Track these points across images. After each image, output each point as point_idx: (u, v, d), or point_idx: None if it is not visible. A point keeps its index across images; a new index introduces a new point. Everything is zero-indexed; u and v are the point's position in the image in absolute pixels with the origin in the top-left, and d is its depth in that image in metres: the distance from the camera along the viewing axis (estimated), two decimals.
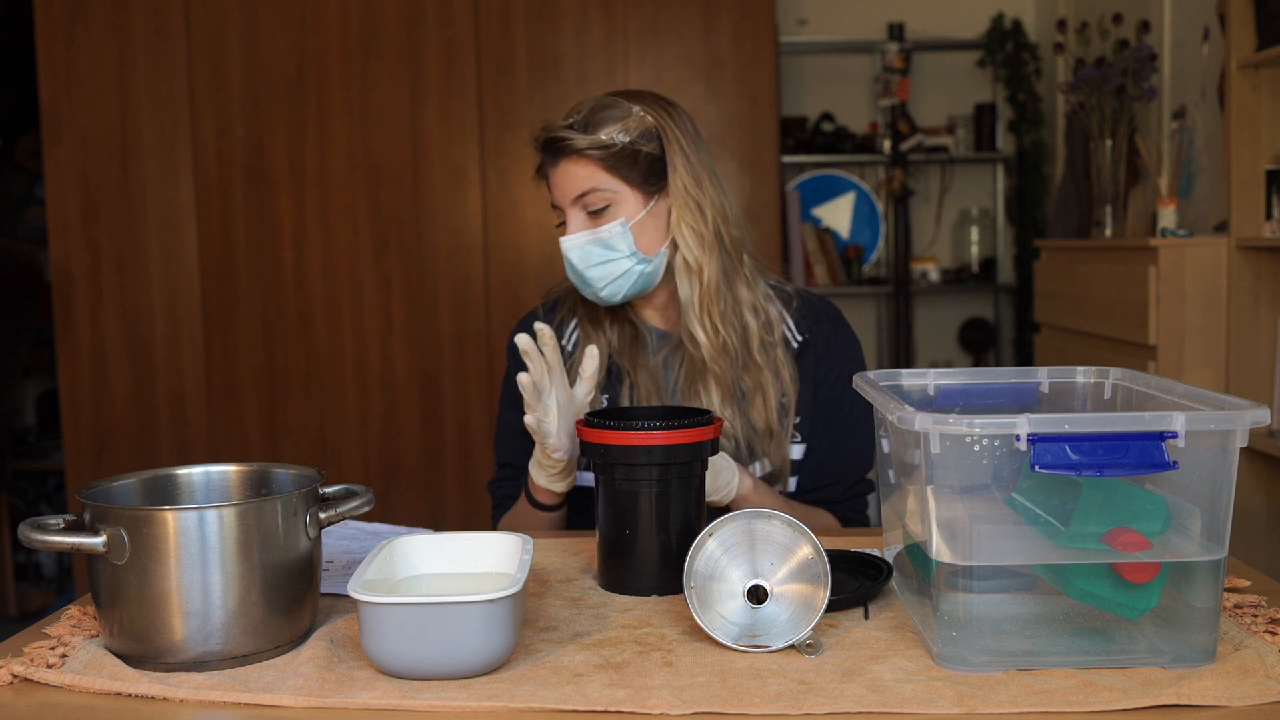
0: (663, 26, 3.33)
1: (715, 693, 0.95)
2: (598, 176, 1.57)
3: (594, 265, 1.57)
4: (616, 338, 1.66)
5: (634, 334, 1.66)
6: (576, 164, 1.57)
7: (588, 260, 1.57)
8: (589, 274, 1.58)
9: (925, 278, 4.44)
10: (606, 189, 1.57)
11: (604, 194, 1.57)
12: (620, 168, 1.57)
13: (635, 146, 1.57)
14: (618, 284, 1.58)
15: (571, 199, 1.58)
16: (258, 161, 3.32)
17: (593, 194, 1.57)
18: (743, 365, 1.61)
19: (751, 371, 1.61)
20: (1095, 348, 3.05)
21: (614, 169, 1.57)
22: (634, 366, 1.64)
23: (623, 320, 1.67)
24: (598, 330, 1.67)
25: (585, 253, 1.57)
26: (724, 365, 1.60)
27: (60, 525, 1.03)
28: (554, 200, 1.61)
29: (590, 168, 1.57)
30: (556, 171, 1.59)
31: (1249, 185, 2.65)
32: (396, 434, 3.37)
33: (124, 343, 3.35)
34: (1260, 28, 2.60)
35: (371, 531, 1.47)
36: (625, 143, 1.57)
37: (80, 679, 0.99)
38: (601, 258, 1.57)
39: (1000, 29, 4.32)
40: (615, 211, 1.58)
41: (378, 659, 0.99)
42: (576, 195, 1.57)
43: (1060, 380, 1.27)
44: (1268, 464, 2.63)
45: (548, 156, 1.60)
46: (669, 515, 1.24)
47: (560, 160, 1.58)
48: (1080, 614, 1.00)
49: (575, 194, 1.57)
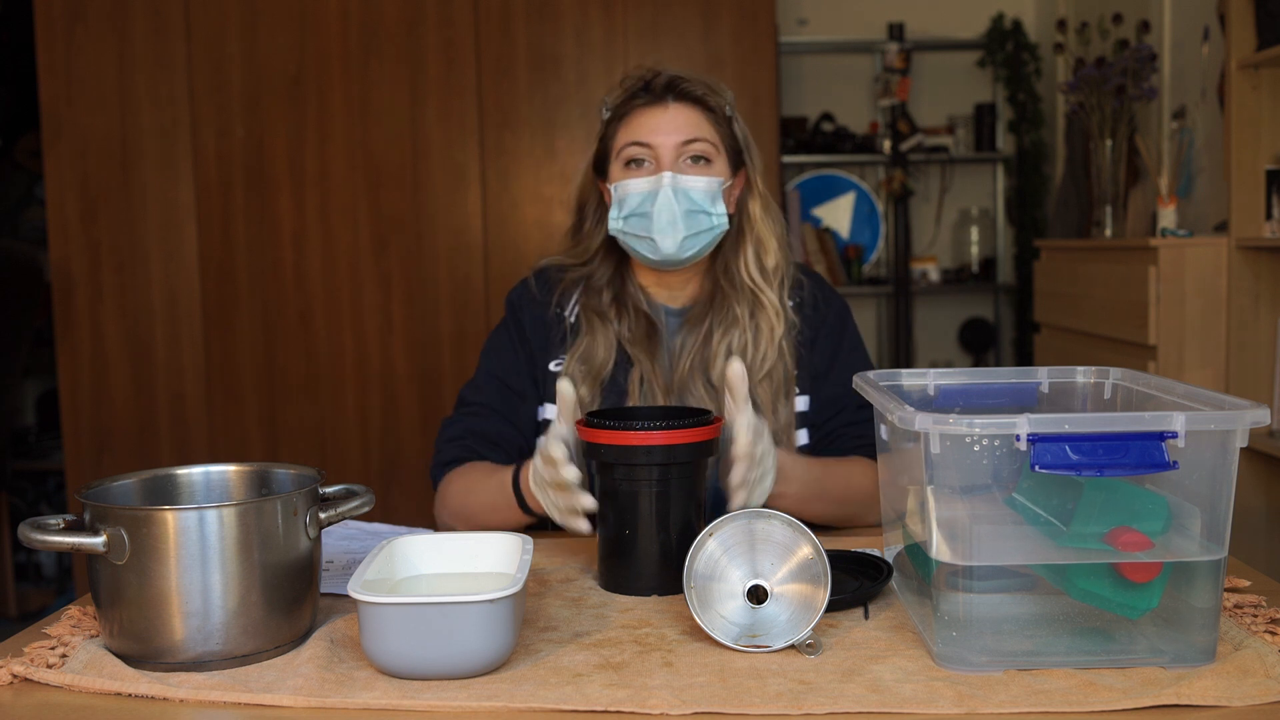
0: (663, 26, 3.33)
1: (715, 693, 0.95)
2: (707, 129, 1.58)
3: (692, 211, 1.55)
4: (628, 328, 1.63)
5: (647, 324, 1.63)
6: (693, 110, 1.57)
7: (688, 203, 1.54)
8: (684, 219, 1.54)
9: (925, 278, 4.44)
10: (712, 143, 1.58)
11: (710, 147, 1.57)
12: (724, 133, 1.60)
13: (733, 123, 1.62)
14: (697, 239, 1.56)
15: (680, 141, 1.55)
16: (258, 161, 3.32)
17: (702, 143, 1.57)
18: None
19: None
20: (1095, 348, 3.05)
21: (720, 130, 1.59)
22: (649, 356, 1.60)
23: (634, 310, 1.63)
24: (605, 322, 1.63)
25: (688, 196, 1.55)
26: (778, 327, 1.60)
27: (60, 525, 1.03)
28: (643, 138, 1.56)
29: (703, 120, 1.58)
30: (664, 111, 1.57)
31: (1249, 185, 2.65)
32: (396, 434, 3.37)
33: (124, 343, 3.35)
34: (1260, 28, 2.60)
35: (371, 531, 1.47)
36: (730, 115, 1.61)
37: (80, 679, 0.99)
38: (697, 206, 1.55)
39: (1000, 29, 4.32)
40: (713, 169, 1.58)
41: (378, 659, 0.99)
42: (687, 139, 1.56)
43: (1060, 380, 1.27)
44: (1268, 464, 2.62)
45: (652, 95, 1.58)
46: (669, 515, 1.24)
47: (674, 102, 1.57)
48: (1080, 614, 1.00)
49: (686, 137, 1.56)
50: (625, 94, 1.61)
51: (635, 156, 1.57)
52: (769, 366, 1.59)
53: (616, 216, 1.57)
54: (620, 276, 1.66)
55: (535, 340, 1.66)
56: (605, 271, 1.66)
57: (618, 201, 1.57)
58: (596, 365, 1.60)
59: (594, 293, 1.65)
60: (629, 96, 1.60)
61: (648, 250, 1.56)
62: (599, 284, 1.66)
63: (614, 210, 1.58)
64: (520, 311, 1.69)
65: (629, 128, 1.58)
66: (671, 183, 1.53)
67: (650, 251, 1.56)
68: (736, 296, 1.61)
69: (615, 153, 1.60)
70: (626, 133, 1.58)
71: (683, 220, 1.53)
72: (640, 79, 1.60)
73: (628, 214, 1.56)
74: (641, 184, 1.55)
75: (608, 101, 1.64)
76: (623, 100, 1.61)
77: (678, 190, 1.54)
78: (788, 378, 1.61)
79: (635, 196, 1.56)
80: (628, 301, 1.64)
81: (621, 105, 1.61)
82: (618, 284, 1.66)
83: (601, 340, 1.61)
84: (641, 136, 1.56)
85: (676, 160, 1.55)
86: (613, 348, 1.61)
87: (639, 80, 1.60)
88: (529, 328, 1.67)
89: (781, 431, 1.59)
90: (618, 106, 1.61)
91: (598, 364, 1.60)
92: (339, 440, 3.37)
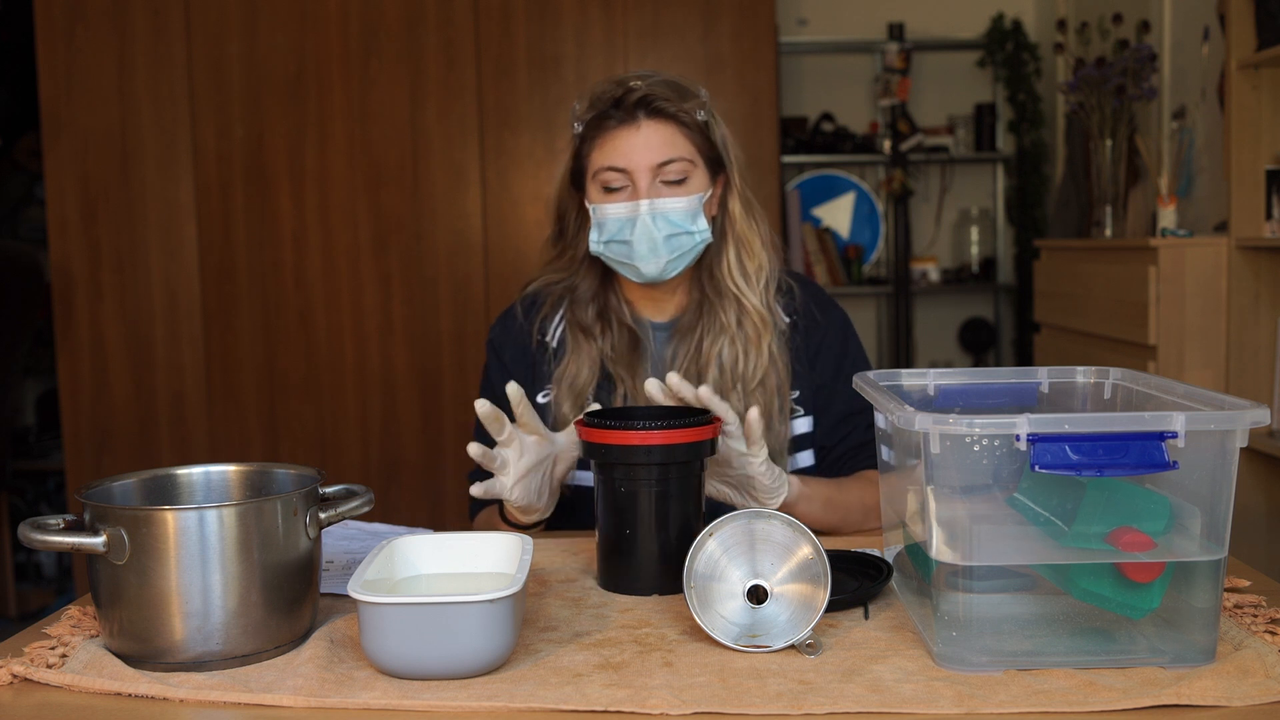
0: (663, 26, 3.33)
1: (715, 693, 0.95)
2: (683, 146, 1.52)
3: (672, 235, 1.51)
4: (611, 345, 1.60)
5: (631, 339, 1.61)
6: (666, 127, 1.51)
7: (667, 228, 1.51)
8: (665, 244, 1.51)
9: (925, 278, 4.44)
10: (688, 159, 1.52)
11: (685, 165, 1.52)
12: (700, 143, 1.54)
13: (708, 128, 1.55)
14: (681, 259, 1.53)
15: (654, 164, 1.50)
16: (258, 161, 3.32)
17: (678, 163, 1.51)
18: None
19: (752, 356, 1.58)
20: (1095, 348, 3.05)
21: (695, 143, 1.53)
22: (631, 373, 1.58)
23: (618, 324, 1.61)
24: (589, 338, 1.60)
25: (668, 220, 1.51)
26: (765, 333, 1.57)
27: (60, 525, 1.03)
28: (618, 163, 1.51)
29: (678, 135, 1.51)
30: (637, 132, 1.50)
31: (1249, 185, 2.65)
32: (396, 434, 3.37)
33: (124, 342, 3.35)
34: (1260, 28, 2.60)
35: (371, 531, 1.47)
36: (704, 121, 1.54)
37: (80, 679, 0.99)
38: (677, 228, 1.51)
39: (1000, 29, 4.32)
40: (690, 186, 1.53)
41: (378, 659, 0.99)
42: (662, 161, 1.50)
43: (1060, 380, 1.27)
44: (1268, 464, 2.62)
45: (624, 114, 1.51)
46: (669, 515, 1.24)
47: (645, 121, 1.50)
48: (1080, 614, 1.00)
49: (661, 159, 1.50)
50: (596, 112, 1.55)
51: (610, 182, 1.53)
52: (761, 375, 1.56)
53: (597, 240, 1.55)
54: (605, 289, 1.64)
55: (519, 376, 1.63)
56: (590, 284, 1.64)
57: (596, 224, 1.55)
58: (580, 385, 1.58)
59: (579, 305, 1.63)
60: (600, 116, 1.54)
61: (631, 274, 1.56)
62: (584, 296, 1.63)
63: (594, 233, 1.55)
64: (502, 352, 1.67)
65: (602, 150, 1.53)
66: (649, 209, 1.50)
67: (634, 275, 1.55)
68: (722, 303, 1.58)
69: (590, 173, 1.55)
70: (600, 155, 1.53)
71: (664, 245, 1.51)
72: (610, 96, 1.53)
73: (608, 239, 1.54)
74: (620, 209, 1.52)
75: (578, 112, 1.57)
76: (594, 119, 1.55)
77: (656, 216, 1.50)
78: (781, 388, 1.57)
79: (614, 222, 1.52)
80: (611, 316, 1.62)
81: (593, 124, 1.55)
82: (602, 297, 1.63)
83: (585, 358, 1.59)
84: (616, 161, 1.51)
85: (653, 182, 1.51)
86: (596, 366, 1.59)
87: (609, 98, 1.53)
88: (511, 366, 1.65)
89: (778, 446, 1.56)
90: (589, 125, 1.56)
91: (581, 384, 1.58)
92: (339, 440, 3.37)
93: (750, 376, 1.56)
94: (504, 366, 1.66)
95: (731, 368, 1.56)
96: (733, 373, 1.56)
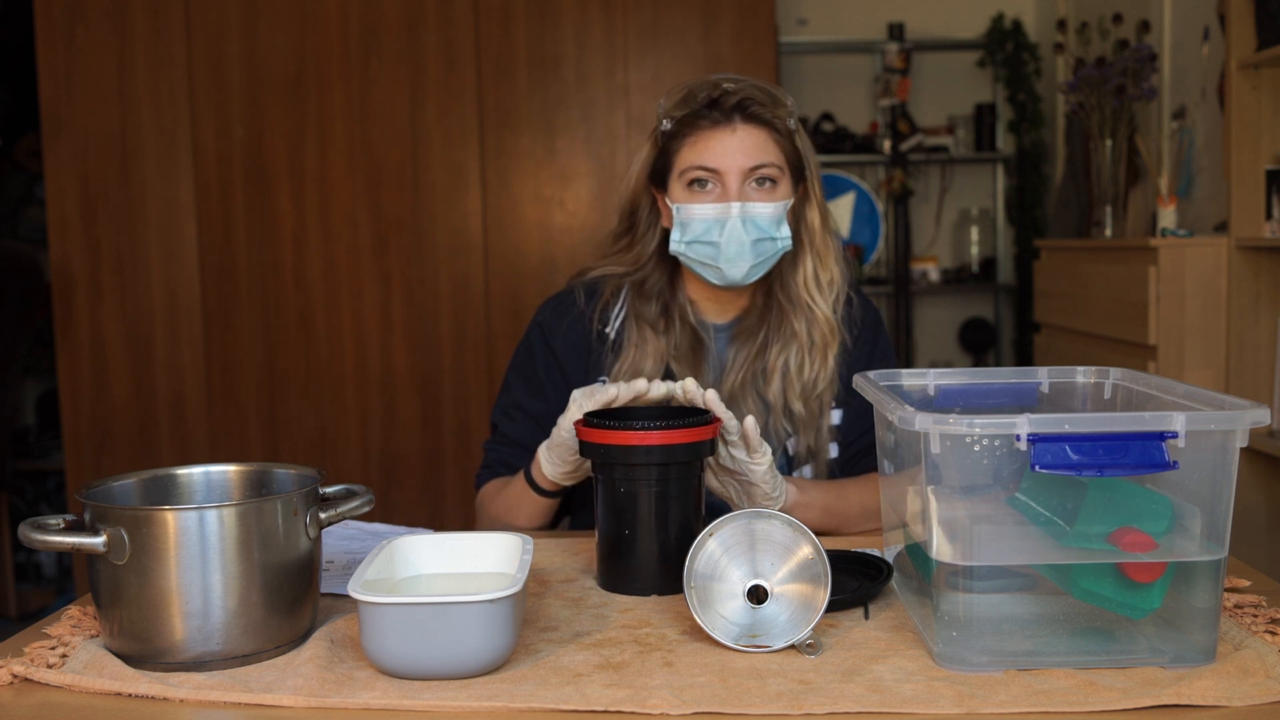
0: (663, 26, 3.33)
1: (715, 693, 0.95)
2: (773, 152, 1.53)
3: (759, 240, 1.52)
4: (674, 342, 1.60)
5: (694, 338, 1.60)
6: (760, 132, 1.52)
7: (756, 233, 1.51)
8: (752, 248, 1.51)
9: (925, 278, 4.44)
10: (778, 166, 1.53)
11: (775, 171, 1.53)
12: (788, 151, 1.55)
13: (795, 136, 1.57)
14: (763, 264, 1.54)
15: (748, 167, 1.51)
16: (258, 161, 3.32)
17: (769, 168, 1.52)
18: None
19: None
20: (1095, 348, 3.05)
21: (784, 150, 1.55)
22: (692, 372, 1.58)
23: (681, 322, 1.61)
24: (656, 333, 1.60)
25: (756, 225, 1.51)
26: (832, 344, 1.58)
27: (60, 525, 1.03)
28: (709, 164, 1.51)
29: (769, 141, 1.53)
30: (732, 135, 1.51)
31: (1249, 185, 2.65)
32: (396, 434, 3.37)
33: (124, 342, 3.35)
34: (1260, 28, 2.60)
35: (371, 531, 1.47)
36: (793, 130, 1.56)
37: (80, 679, 0.99)
38: (764, 234, 1.52)
39: (1000, 29, 4.32)
40: (778, 193, 1.54)
41: (378, 659, 0.99)
42: (755, 165, 1.51)
43: (1060, 380, 1.27)
44: (1268, 464, 2.62)
45: (719, 115, 1.52)
46: (668, 515, 1.24)
47: (740, 124, 1.51)
48: (1081, 614, 1.00)
49: (755, 163, 1.51)
50: (690, 110, 1.55)
51: (700, 179, 1.53)
52: (824, 384, 1.58)
53: (679, 240, 1.54)
54: (671, 286, 1.63)
55: (570, 364, 1.62)
56: (658, 280, 1.63)
57: (680, 224, 1.54)
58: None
59: (645, 300, 1.62)
60: (694, 115, 1.54)
61: (712, 276, 1.55)
62: (651, 291, 1.62)
63: (676, 232, 1.54)
64: (551, 335, 1.64)
65: (694, 149, 1.53)
66: (740, 213, 1.50)
67: (715, 278, 1.54)
68: (794, 311, 1.59)
69: (677, 171, 1.55)
70: (692, 153, 1.53)
71: (750, 249, 1.51)
72: (706, 95, 1.53)
73: (691, 239, 1.53)
74: (708, 210, 1.52)
75: (666, 108, 1.57)
76: (687, 117, 1.55)
77: (746, 220, 1.51)
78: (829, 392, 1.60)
79: (700, 223, 1.52)
80: (675, 313, 1.61)
81: (685, 123, 1.54)
82: (668, 294, 1.63)
83: (650, 353, 1.59)
84: (708, 161, 1.52)
85: (743, 185, 1.51)
86: (661, 361, 1.59)
87: (705, 96, 1.53)
88: (560, 352, 1.63)
89: (820, 444, 1.59)
90: (680, 122, 1.55)
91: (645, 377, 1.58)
92: (339, 440, 3.37)
93: (813, 386, 1.57)
94: (551, 352, 1.64)
95: (796, 375, 1.58)
96: (798, 380, 1.57)
